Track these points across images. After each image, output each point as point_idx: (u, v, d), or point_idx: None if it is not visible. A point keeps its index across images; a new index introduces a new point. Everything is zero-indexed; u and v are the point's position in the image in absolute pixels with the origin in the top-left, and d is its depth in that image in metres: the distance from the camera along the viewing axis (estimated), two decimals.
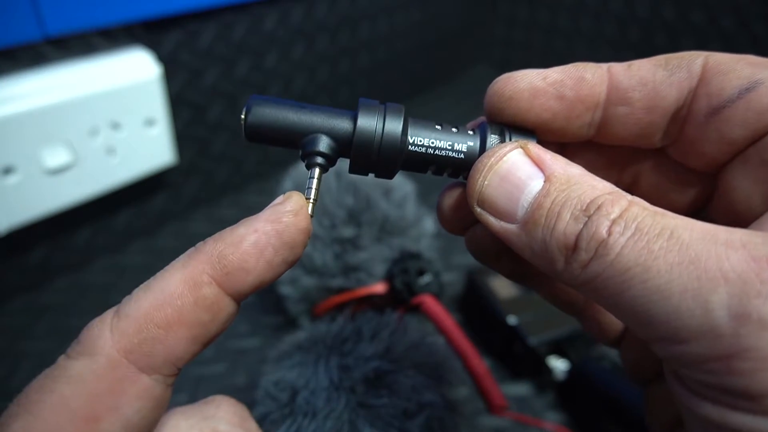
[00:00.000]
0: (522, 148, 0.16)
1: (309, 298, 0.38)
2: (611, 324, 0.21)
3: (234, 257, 0.15)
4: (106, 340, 0.14)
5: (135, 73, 0.41)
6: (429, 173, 0.18)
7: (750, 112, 0.15)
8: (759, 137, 0.16)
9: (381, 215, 0.38)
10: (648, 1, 0.67)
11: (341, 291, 0.37)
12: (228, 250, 0.15)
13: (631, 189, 0.20)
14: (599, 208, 0.14)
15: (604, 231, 0.13)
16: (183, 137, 0.49)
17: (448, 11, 0.76)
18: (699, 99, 0.16)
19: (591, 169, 0.15)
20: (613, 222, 0.13)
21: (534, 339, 0.38)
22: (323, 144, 0.17)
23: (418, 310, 0.36)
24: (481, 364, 0.33)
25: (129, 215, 0.49)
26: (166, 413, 0.17)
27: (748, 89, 0.15)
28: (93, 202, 0.44)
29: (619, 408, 0.35)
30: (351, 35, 0.61)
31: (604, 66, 0.17)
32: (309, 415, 0.27)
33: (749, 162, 0.16)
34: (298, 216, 0.16)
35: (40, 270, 0.45)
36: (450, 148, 0.17)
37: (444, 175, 0.18)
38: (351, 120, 0.17)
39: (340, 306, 0.37)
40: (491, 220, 0.16)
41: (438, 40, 0.76)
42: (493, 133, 0.18)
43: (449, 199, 0.19)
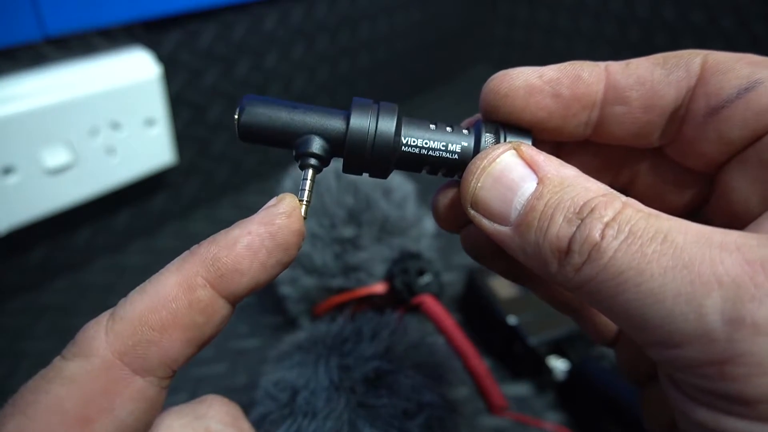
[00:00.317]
0: (515, 149, 0.16)
1: (309, 298, 0.38)
2: (607, 324, 0.21)
3: (228, 260, 0.15)
4: (101, 341, 0.14)
5: (135, 73, 0.41)
6: (424, 173, 0.18)
7: (749, 112, 0.15)
8: (758, 138, 0.15)
9: (381, 215, 0.38)
10: (648, 1, 0.67)
11: (341, 291, 0.37)
12: (222, 252, 0.15)
13: (628, 189, 0.20)
14: (592, 210, 0.13)
15: (597, 234, 0.13)
16: (183, 137, 0.49)
17: (448, 11, 0.76)
18: (697, 98, 0.16)
19: (587, 169, 0.15)
20: (606, 225, 0.13)
21: (534, 339, 0.38)
22: (316, 145, 0.17)
23: (418, 310, 0.36)
24: (481, 364, 0.33)
25: (129, 215, 0.49)
26: (159, 414, 0.18)
27: (747, 89, 0.15)
28: (93, 202, 0.44)
29: (619, 408, 0.35)
30: (351, 35, 0.61)
31: (601, 64, 0.17)
32: (309, 415, 0.27)
33: (747, 162, 0.16)
34: (291, 218, 0.16)
35: (40, 270, 0.45)
36: (444, 149, 0.17)
37: (439, 175, 0.18)
38: (344, 119, 0.17)
39: (340, 306, 0.37)
40: (485, 222, 0.16)
41: (438, 40, 0.76)
42: (488, 132, 0.17)
43: (444, 198, 0.19)
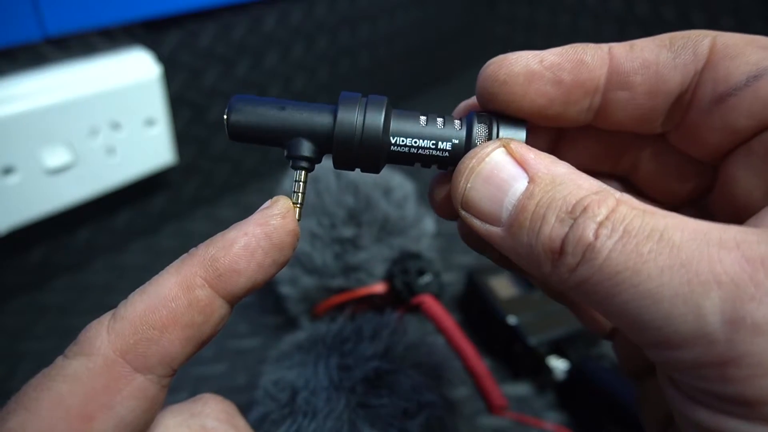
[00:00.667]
0: (505, 146, 0.16)
1: (309, 298, 0.38)
2: (603, 318, 0.20)
3: (225, 260, 0.15)
4: (102, 340, 0.14)
5: (135, 73, 0.41)
6: (418, 166, 0.18)
7: (757, 101, 0.14)
8: (764, 128, 0.15)
9: (381, 215, 0.38)
10: (648, 1, 0.67)
11: (341, 291, 0.37)
12: (219, 253, 0.15)
13: (630, 175, 0.20)
14: (585, 209, 0.13)
15: (590, 234, 0.13)
16: (183, 137, 0.49)
17: (448, 11, 0.76)
18: (704, 84, 0.15)
19: (588, 155, 0.15)
20: (600, 224, 0.13)
21: (534, 339, 0.38)
22: (305, 148, 0.17)
23: (418, 310, 0.36)
24: (481, 364, 0.33)
25: (129, 215, 0.49)
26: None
27: (756, 77, 0.14)
28: (93, 202, 0.44)
29: (619, 408, 0.35)
30: (351, 35, 0.61)
31: (604, 47, 0.16)
32: (309, 415, 0.27)
33: (753, 153, 0.15)
34: (285, 218, 0.16)
35: (40, 270, 0.45)
36: (434, 147, 0.17)
37: (432, 168, 0.18)
38: (331, 115, 0.17)
39: (340, 306, 0.37)
40: (476, 223, 0.16)
41: (438, 40, 0.76)
42: (481, 124, 0.17)
43: (439, 189, 0.19)
